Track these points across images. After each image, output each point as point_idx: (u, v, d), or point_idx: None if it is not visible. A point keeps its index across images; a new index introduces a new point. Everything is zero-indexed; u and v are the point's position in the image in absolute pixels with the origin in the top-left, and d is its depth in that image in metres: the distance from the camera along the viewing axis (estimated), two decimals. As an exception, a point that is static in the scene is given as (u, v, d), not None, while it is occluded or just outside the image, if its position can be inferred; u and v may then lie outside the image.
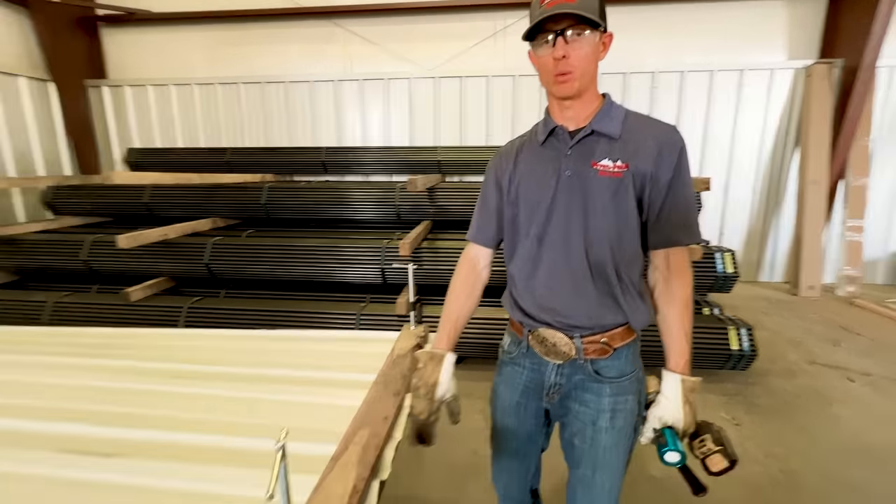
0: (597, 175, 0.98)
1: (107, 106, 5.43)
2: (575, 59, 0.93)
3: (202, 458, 0.92)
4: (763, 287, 4.99)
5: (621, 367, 1.04)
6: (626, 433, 1.05)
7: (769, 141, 4.92)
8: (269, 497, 0.52)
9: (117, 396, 1.17)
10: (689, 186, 1.00)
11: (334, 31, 5.15)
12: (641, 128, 1.00)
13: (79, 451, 0.94)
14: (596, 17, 0.91)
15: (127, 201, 4.07)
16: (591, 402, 1.04)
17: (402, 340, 1.42)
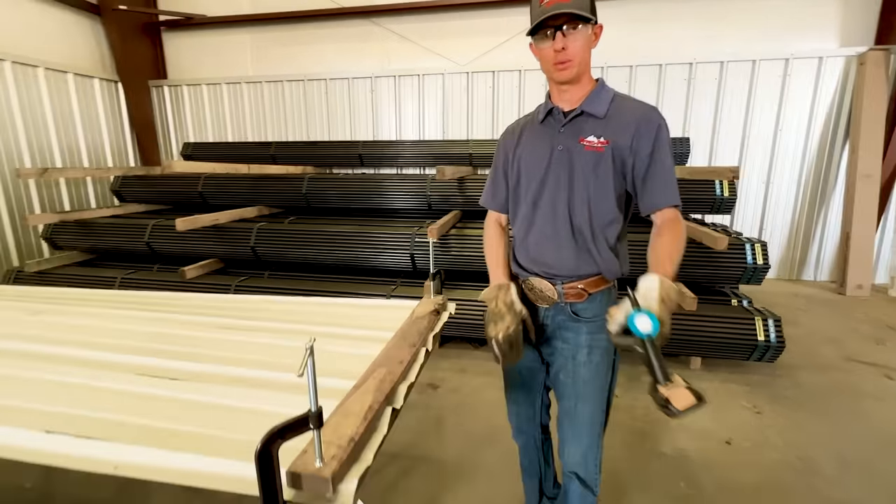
0: (583, 150, 1.16)
1: (167, 103, 5.91)
2: (572, 50, 1.10)
3: (245, 384, 1.10)
4: (806, 285, 4.79)
5: (595, 309, 1.21)
6: (602, 369, 1.23)
7: (816, 133, 4.70)
8: (299, 375, 0.69)
9: (178, 341, 1.38)
10: (669, 158, 1.14)
11: (372, 29, 5.37)
12: (625, 108, 1.16)
13: (152, 376, 1.15)
14: (588, 13, 1.07)
15: (183, 190, 4.44)
16: (571, 339, 1.23)
17: (422, 306, 1.57)
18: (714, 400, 2.48)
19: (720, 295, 3.15)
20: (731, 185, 3.48)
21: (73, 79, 5.05)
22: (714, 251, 2.80)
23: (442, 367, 2.92)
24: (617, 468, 1.95)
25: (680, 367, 2.88)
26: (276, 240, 3.60)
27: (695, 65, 4.76)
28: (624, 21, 4.87)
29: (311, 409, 0.73)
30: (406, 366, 1.16)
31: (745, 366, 2.86)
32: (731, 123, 4.83)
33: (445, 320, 1.58)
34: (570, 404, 1.24)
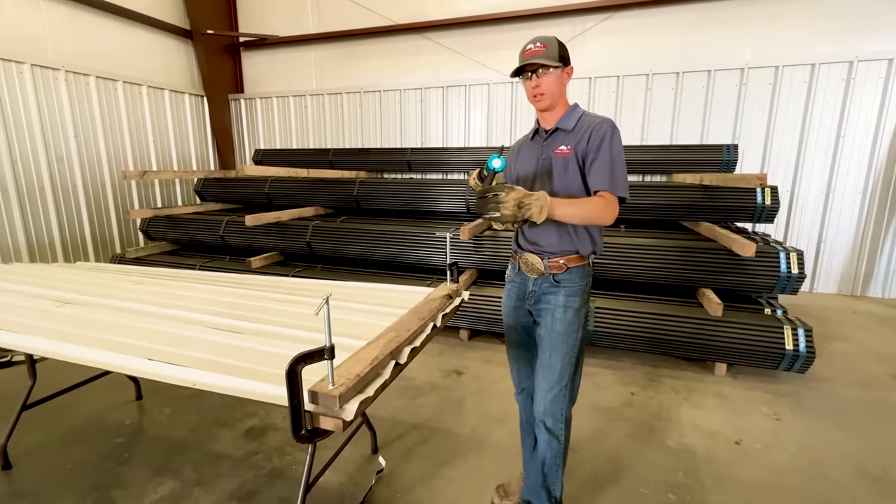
0: (556, 156, 1.54)
1: (242, 115, 6.66)
2: (544, 87, 1.51)
3: (287, 339, 1.42)
4: (871, 302, 4.48)
5: (572, 279, 1.56)
6: (574, 326, 1.55)
7: (885, 141, 4.41)
8: (315, 314, 0.96)
9: (241, 307, 1.74)
10: (611, 156, 1.44)
11: (423, 43, 5.74)
12: (587, 122, 1.52)
13: (221, 329, 1.50)
14: (555, 62, 1.47)
15: (252, 191, 5.04)
16: (552, 300, 1.57)
17: (437, 290, 1.82)
18: (734, 405, 2.50)
19: (753, 303, 3.11)
20: (773, 193, 3.42)
21: (169, 95, 5.88)
22: (744, 258, 2.80)
23: (468, 356, 3.15)
24: (619, 454, 2.07)
25: (703, 372, 2.89)
26: (328, 236, 4.01)
27: (746, 70, 4.64)
28: (670, 27, 4.86)
29: (326, 344, 1.01)
30: (413, 333, 1.42)
31: (776, 376, 2.82)
32: (787, 130, 4.64)
33: (457, 305, 1.82)
34: (546, 356, 1.56)
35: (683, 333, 2.82)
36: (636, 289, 3.33)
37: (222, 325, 1.56)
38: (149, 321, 1.61)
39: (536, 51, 1.47)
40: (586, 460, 2.04)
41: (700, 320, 2.83)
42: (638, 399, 2.56)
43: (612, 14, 5.00)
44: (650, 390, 2.65)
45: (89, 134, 4.97)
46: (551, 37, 1.51)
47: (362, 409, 1.09)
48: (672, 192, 3.74)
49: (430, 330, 1.54)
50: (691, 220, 3.77)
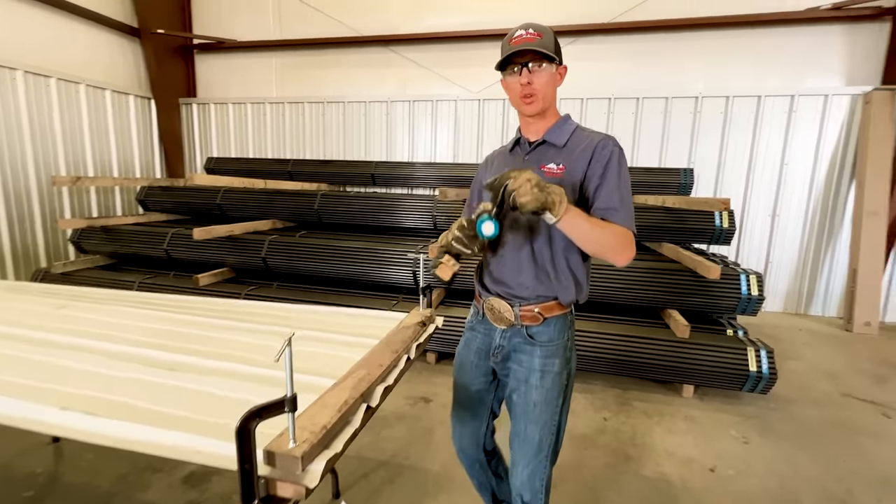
0: (544, 175, 1.22)
1: (194, 120, 6.26)
2: (537, 85, 1.22)
3: (235, 377, 1.22)
4: (813, 320, 4.74)
5: (550, 333, 1.27)
6: (553, 394, 1.26)
7: (822, 168, 4.74)
8: (276, 360, 0.80)
9: (182, 337, 1.51)
10: (619, 182, 1.18)
11: (391, 56, 5.66)
12: (584, 137, 1.24)
13: (153, 366, 1.28)
14: (551, 53, 1.19)
15: (203, 201, 4.68)
16: (525, 362, 1.28)
17: (410, 317, 1.67)
18: (704, 428, 2.50)
19: (716, 324, 3.18)
20: (730, 216, 3.55)
21: (111, 95, 5.41)
22: (707, 280, 2.85)
23: (436, 381, 2.99)
24: (595, 485, 1.98)
25: (672, 394, 2.90)
26: (286, 252, 3.76)
27: (700, 98, 4.88)
28: (631, 55, 5.05)
29: (287, 394, 0.84)
30: (385, 369, 1.26)
31: (740, 397, 2.86)
32: (737, 157, 4.90)
33: (431, 333, 1.68)
34: (521, 426, 1.29)
35: (652, 355, 2.82)
36: (603, 309, 3.33)
37: (160, 360, 1.33)
38: (68, 356, 1.35)
39: (529, 38, 1.17)
40: (567, 494, 1.93)
41: (668, 342, 2.84)
42: (611, 425, 2.50)
43: (577, 39, 5.14)
44: (622, 415, 2.61)
45: (13, 133, 4.45)
46: (545, 25, 1.21)
47: (328, 469, 0.93)
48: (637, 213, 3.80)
49: (404, 363, 1.39)
50: (654, 241, 3.84)
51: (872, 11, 4.49)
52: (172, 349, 1.41)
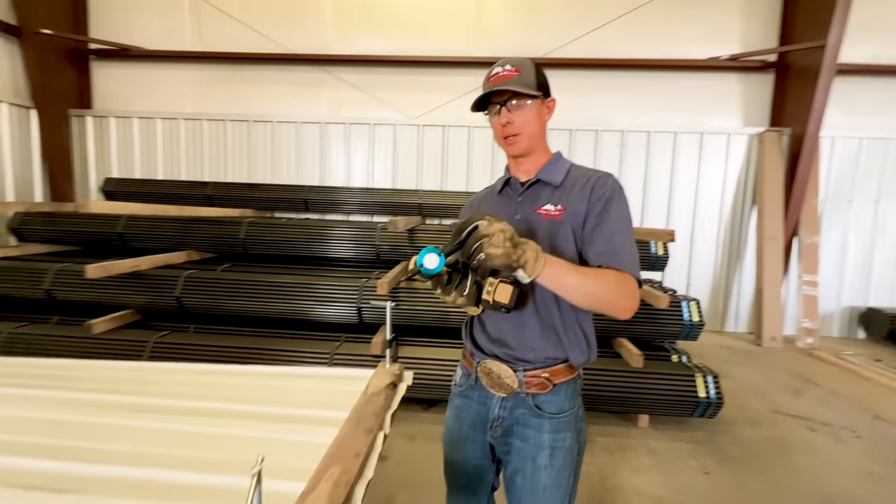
0: (540, 218, 1.11)
1: (89, 136, 5.41)
2: (519, 124, 1.10)
3: (166, 494, 0.89)
4: (729, 337, 5.16)
5: (561, 403, 1.10)
6: (565, 473, 1.09)
7: (729, 199, 5.27)
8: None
9: (74, 430, 1.12)
10: (620, 223, 1.06)
11: (325, 77, 5.38)
12: (580, 175, 1.13)
13: (29, 487, 0.90)
14: (532, 90, 1.07)
15: (99, 230, 3.98)
16: (532, 438, 1.09)
17: (377, 378, 1.42)
18: (665, 461, 2.49)
19: (661, 350, 3.27)
20: (664, 245, 3.74)
21: (-25, 102, 4.49)
22: (654, 308, 2.92)
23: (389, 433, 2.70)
24: (578, 546, 1.84)
25: (629, 425, 2.89)
26: (206, 289, 3.27)
27: (625, 133, 5.23)
28: (565, 89, 5.28)
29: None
30: (363, 459, 1.01)
31: (689, 423, 2.94)
32: (660, 187, 5.28)
33: (403, 393, 1.44)
34: None
35: (609, 387, 2.80)
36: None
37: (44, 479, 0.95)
38: None
39: (506, 75, 1.07)
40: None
41: (623, 373, 2.84)
42: (578, 466, 2.39)
43: (513, 71, 5.28)
44: (587, 454, 2.49)
45: None
46: (525, 59, 1.10)
47: None
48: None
49: (381, 442, 1.14)
50: (596, 269, 3.93)
51: (760, 64, 5.17)
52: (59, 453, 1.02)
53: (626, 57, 5.15)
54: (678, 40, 5.16)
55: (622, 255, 1.03)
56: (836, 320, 5.32)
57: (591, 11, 5.13)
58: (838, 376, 3.96)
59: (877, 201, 5.20)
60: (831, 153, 5.15)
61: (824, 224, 5.17)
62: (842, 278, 5.27)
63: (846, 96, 5.01)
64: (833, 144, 5.13)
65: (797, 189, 4.92)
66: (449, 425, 1.26)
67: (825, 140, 5.05)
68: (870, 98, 5.12)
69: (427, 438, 2.63)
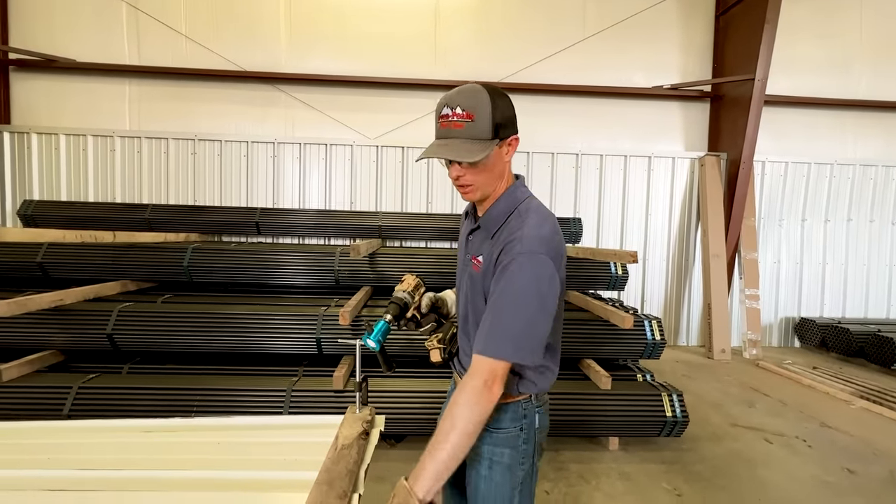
0: (472, 269, 1.12)
1: (4, 153, 4.86)
2: (471, 177, 1.03)
3: None
4: (682, 350, 5.36)
5: (501, 422, 1.11)
6: (504, 491, 1.10)
7: (676, 217, 5.56)
8: None
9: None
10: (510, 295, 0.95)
11: (277, 95, 5.19)
12: (509, 228, 1.04)
13: None
14: (485, 139, 0.97)
15: (14, 260, 3.51)
16: (473, 448, 1.05)
17: (347, 427, 1.27)
18: (638, 486, 2.47)
19: (626, 370, 3.30)
20: (623, 265, 3.83)
21: None
22: (618, 328, 2.95)
23: (354, 475, 2.50)
24: (563, 590, 1.74)
25: (600, 448, 2.86)
26: (145, 324, 2.94)
27: (580, 155, 5.41)
28: (522, 112, 5.37)
29: None
30: (338, 533, 0.87)
31: (656, 442, 2.95)
32: (613, 207, 5.48)
33: (376, 443, 1.30)
34: None
35: (579, 411, 2.77)
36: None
37: None
38: None
39: (456, 124, 0.97)
40: None
41: (592, 395, 2.82)
42: (554, 498, 2.32)
43: (471, 94, 5.34)
44: (562, 483, 2.45)
45: None
46: (481, 92, 0.98)
47: None
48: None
49: None
50: (559, 289, 3.96)
51: (697, 93, 5.56)
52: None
53: (578, 84, 5.36)
54: (625, 70, 5.46)
55: (501, 342, 0.95)
56: (775, 331, 5.69)
57: (544, 40, 5.33)
58: (783, 385, 4.19)
59: (803, 220, 5.67)
60: (762, 176, 5.58)
61: (760, 241, 5.56)
62: (777, 291, 5.67)
63: (773, 124, 5.49)
64: (764, 168, 5.57)
65: (736, 209, 5.28)
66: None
67: (757, 164, 5.47)
68: (792, 126, 5.63)
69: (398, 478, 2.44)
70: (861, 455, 2.87)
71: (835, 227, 5.70)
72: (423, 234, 4.84)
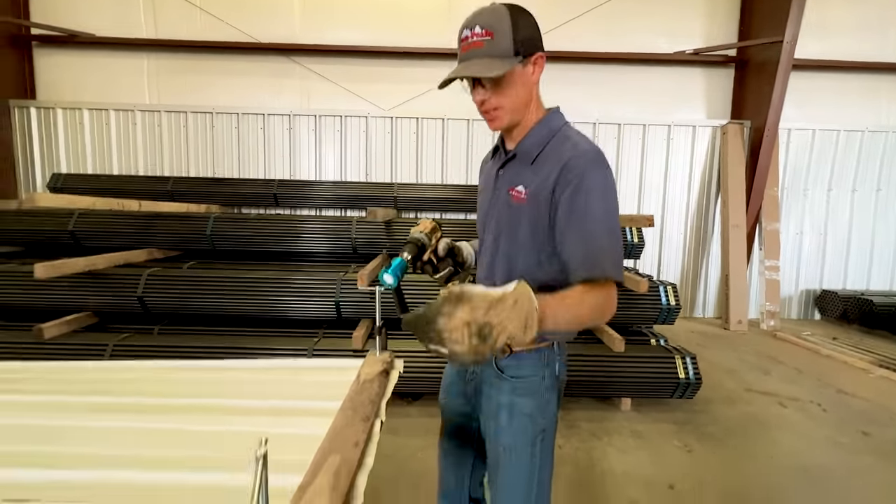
0: (510, 200, 1.04)
1: (33, 128, 5.00)
2: (496, 100, 0.99)
3: (149, 496, 0.79)
4: (698, 322, 5.34)
5: (524, 370, 1.08)
6: (526, 439, 1.06)
7: (696, 188, 5.45)
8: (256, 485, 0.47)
9: (35, 434, 0.99)
10: (595, 217, 0.92)
11: (292, 67, 5.19)
12: (557, 150, 0.99)
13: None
14: (507, 57, 0.93)
15: (47, 229, 3.68)
16: (493, 397, 1.11)
17: (368, 366, 1.34)
18: (650, 442, 2.52)
19: (640, 335, 3.33)
20: (639, 232, 3.81)
21: None
22: (635, 293, 2.96)
23: (373, 428, 2.61)
24: (574, 530, 1.83)
25: (612, 409, 2.92)
26: (172, 287, 3.07)
27: (597, 125, 5.31)
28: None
29: (260, 547, 0.50)
30: (363, 447, 0.94)
31: (669, 404, 2.99)
32: (630, 178, 5.40)
33: (396, 381, 1.37)
34: (493, 472, 1.13)
35: (593, 373, 2.81)
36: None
37: None
38: None
39: (476, 43, 0.93)
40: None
41: (605, 358, 2.86)
42: (567, 452, 2.39)
43: (486, 63, 5.26)
44: (574, 439, 2.52)
45: None
46: (498, 10, 0.94)
47: None
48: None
49: (379, 430, 1.07)
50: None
51: (721, 59, 5.36)
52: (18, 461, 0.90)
53: (597, 50, 5.22)
54: (646, 35, 5.28)
55: (601, 261, 0.90)
56: (795, 303, 5.60)
57: (561, 5, 5.17)
58: (801, 355, 4.16)
59: (829, 190, 5.50)
60: (788, 145, 5.40)
61: (783, 212, 5.43)
62: (799, 263, 5.55)
63: (799, 90, 5.27)
64: (789, 136, 5.39)
65: (758, 178, 5.14)
66: (445, 372, 1.32)
67: (782, 132, 5.29)
68: (820, 92, 5.40)
69: (411, 433, 2.55)
70: (877, 419, 2.87)
71: (862, 197, 5.51)
72: (438, 204, 4.86)
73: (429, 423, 2.62)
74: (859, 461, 2.39)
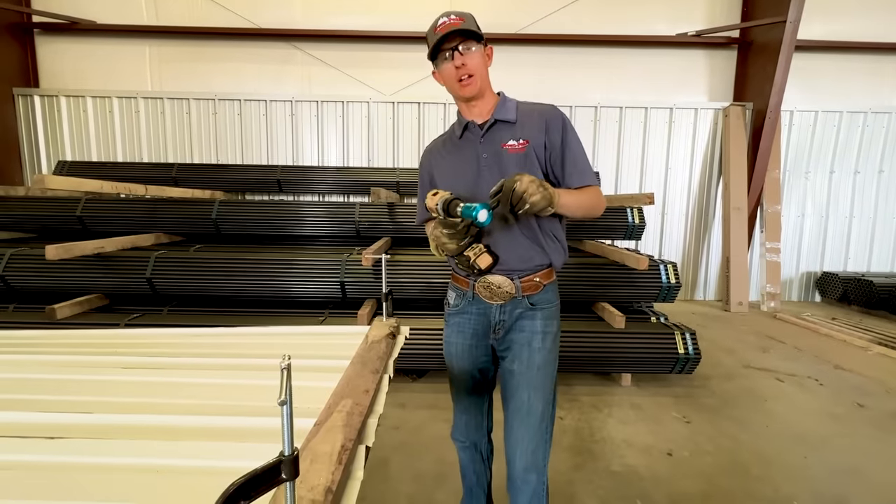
0: (507, 153, 1.28)
1: (36, 116, 5.04)
2: (471, 66, 1.24)
3: (170, 435, 0.85)
4: (699, 304, 5.39)
5: (548, 297, 1.33)
6: (553, 356, 1.33)
7: (697, 171, 5.46)
8: (280, 403, 0.52)
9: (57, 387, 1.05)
10: (578, 144, 1.31)
11: (293, 53, 5.19)
12: (530, 111, 1.32)
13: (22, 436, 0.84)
14: (478, 37, 1.24)
15: (56, 214, 3.73)
16: (528, 327, 1.31)
17: (376, 329, 1.40)
18: (650, 414, 2.59)
19: (640, 313, 3.38)
20: (640, 213, 3.83)
21: None
22: (636, 271, 3.00)
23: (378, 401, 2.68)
24: (574, 491, 1.89)
25: (612, 384, 2.98)
26: (180, 270, 3.13)
27: (599, 108, 5.31)
28: (537, 65, 5.30)
29: (285, 451, 0.55)
30: (372, 395, 1.00)
31: (668, 380, 3.05)
32: (631, 160, 5.41)
33: (402, 345, 1.43)
34: (523, 397, 1.29)
35: (593, 348, 2.87)
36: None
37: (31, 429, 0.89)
38: None
39: (454, 22, 1.22)
40: None
41: (605, 334, 2.91)
42: (568, 423, 2.45)
43: (487, 46, 5.24)
44: (575, 412, 2.59)
45: None
46: (463, 11, 1.27)
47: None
48: (559, 212, 3.93)
49: (387, 384, 1.13)
50: (575, 240, 4.00)
51: (724, 40, 5.33)
52: (44, 406, 0.96)
53: (598, 33, 5.19)
54: (647, 18, 5.25)
55: (586, 173, 1.30)
56: (795, 285, 5.64)
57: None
58: (800, 334, 4.21)
59: (831, 172, 5.50)
60: (790, 127, 5.39)
61: (784, 194, 5.44)
62: (800, 245, 5.58)
63: (802, 72, 5.25)
64: (791, 118, 5.37)
65: (760, 161, 5.14)
66: (452, 341, 1.41)
67: (784, 114, 5.28)
68: (823, 73, 5.38)
69: (417, 407, 2.62)
70: (872, 392, 2.93)
71: (864, 179, 5.51)
72: (440, 189, 4.88)
73: (433, 398, 2.69)
74: (853, 430, 2.44)
